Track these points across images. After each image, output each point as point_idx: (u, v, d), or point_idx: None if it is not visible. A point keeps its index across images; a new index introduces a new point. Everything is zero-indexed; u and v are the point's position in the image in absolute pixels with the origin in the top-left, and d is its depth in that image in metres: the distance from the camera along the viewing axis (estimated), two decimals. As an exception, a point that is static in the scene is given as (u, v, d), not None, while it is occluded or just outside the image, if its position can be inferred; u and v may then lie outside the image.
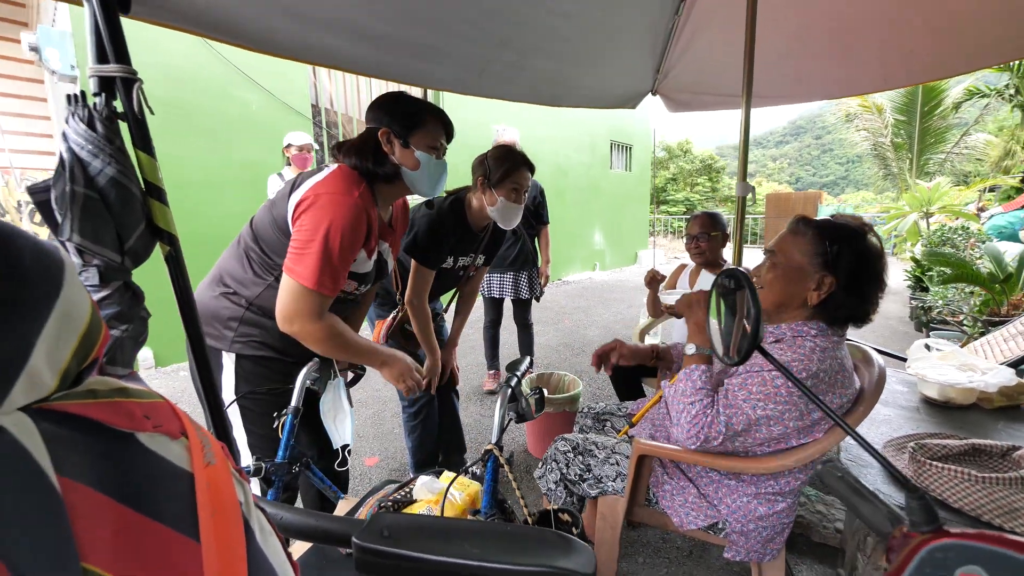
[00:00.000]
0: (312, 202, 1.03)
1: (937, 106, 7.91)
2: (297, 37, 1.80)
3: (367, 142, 1.14)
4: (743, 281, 0.66)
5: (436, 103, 1.38)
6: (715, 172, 22.65)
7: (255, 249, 1.14)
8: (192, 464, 0.28)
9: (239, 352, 1.15)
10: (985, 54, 2.13)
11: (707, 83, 2.87)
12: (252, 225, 1.17)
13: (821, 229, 1.09)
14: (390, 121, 1.14)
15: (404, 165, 1.15)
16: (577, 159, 8.17)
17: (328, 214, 1.01)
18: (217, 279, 1.18)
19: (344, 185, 1.06)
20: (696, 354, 1.12)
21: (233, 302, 1.15)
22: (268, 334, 1.15)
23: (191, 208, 3.79)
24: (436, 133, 1.18)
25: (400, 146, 1.14)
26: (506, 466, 0.93)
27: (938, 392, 1.34)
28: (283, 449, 1.16)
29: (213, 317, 1.15)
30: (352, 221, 1.03)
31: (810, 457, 1.01)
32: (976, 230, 4.43)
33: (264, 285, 1.14)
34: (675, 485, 1.21)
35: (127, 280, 0.70)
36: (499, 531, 0.50)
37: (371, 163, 1.12)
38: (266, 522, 0.33)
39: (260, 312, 1.14)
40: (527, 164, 1.58)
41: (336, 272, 1.04)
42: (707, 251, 2.18)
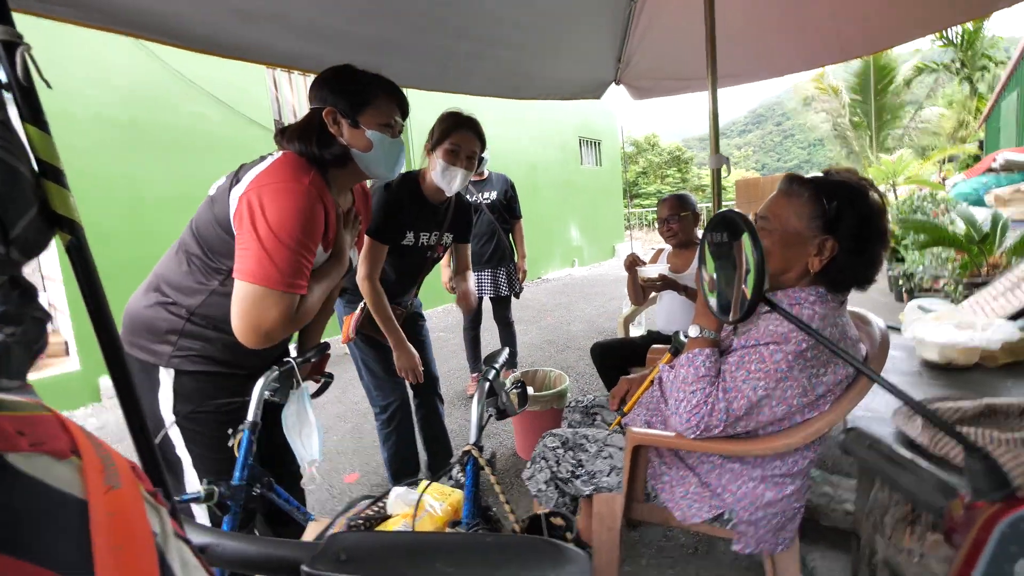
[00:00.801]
0: (257, 194, 0.91)
1: (890, 83, 8.16)
2: (243, 36, 1.68)
3: (311, 124, 1.02)
4: (740, 224, 0.56)
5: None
6: (683, 163, 23.06)
7: (196, 252, 1.02)
8: (86, 489, 0.24)
9: (178, 368, 1.01)
10: (941, 15, 2.14)
11: (668, 68, 2.83)
12: (193, 226, 1.04)
13: (818, 188, 1.00)
14: (335, 99, 1.02)
15: (354, 147, 1.04)
16: (548, 156, 8.14)
17: (277, 205, 0.90)
18: (152, 287, 1.05)
19: (291, 172, 0.94)
20: (700, 337, 1.03)
21: (172, 312, 1.01)
22: (212, 346, 1.02)
23: (149, 228, 3.58)
24: (388, 110, 1.07)
25: (349, 126, 1.03)
26: (487, 468, 0.82)
27: (939, 354, 1.29)
28: (240, 469, 1.03)
29: (147, 329, 1.02)
30: (305, 209, 0.92)
31: (818, 432, 0.93)
32: (943, 197, 4.52)
33: (207, 292, 1.01)
34: (674, 475, 1.12)
35: (14, 274, 0.56)
36: (478, 544, 0.43)
37: (316, 147, 1.00)
38: (190, 556, 0.28)
39: (203, 323, 1.01)
40: (468, 125, 1.49)
41: (299, 266, 0.93)
42: (679, 232, 2.15)
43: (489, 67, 2.44)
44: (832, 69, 9.41)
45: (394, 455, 1.85)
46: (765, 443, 0.96)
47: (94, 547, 0.22)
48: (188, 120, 3.82)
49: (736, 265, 0.59)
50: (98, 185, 3.38)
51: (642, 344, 2.21)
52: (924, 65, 7.58)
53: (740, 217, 0.56)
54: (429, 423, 1.98)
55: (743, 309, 0.55)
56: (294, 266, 0.91)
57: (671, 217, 2.14)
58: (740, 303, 0.57)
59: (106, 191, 3.42)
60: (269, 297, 0.90)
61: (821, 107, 8.96)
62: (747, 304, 0.51)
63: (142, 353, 1.01)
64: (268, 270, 0.89)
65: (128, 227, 3.50)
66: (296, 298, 0.95)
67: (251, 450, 1.03)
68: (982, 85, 8.24)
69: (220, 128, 4.02)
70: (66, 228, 0.61)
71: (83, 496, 0.23)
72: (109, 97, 3.42)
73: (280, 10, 1.59)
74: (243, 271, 0.90)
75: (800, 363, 0.93)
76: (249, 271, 0.90)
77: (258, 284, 0.89)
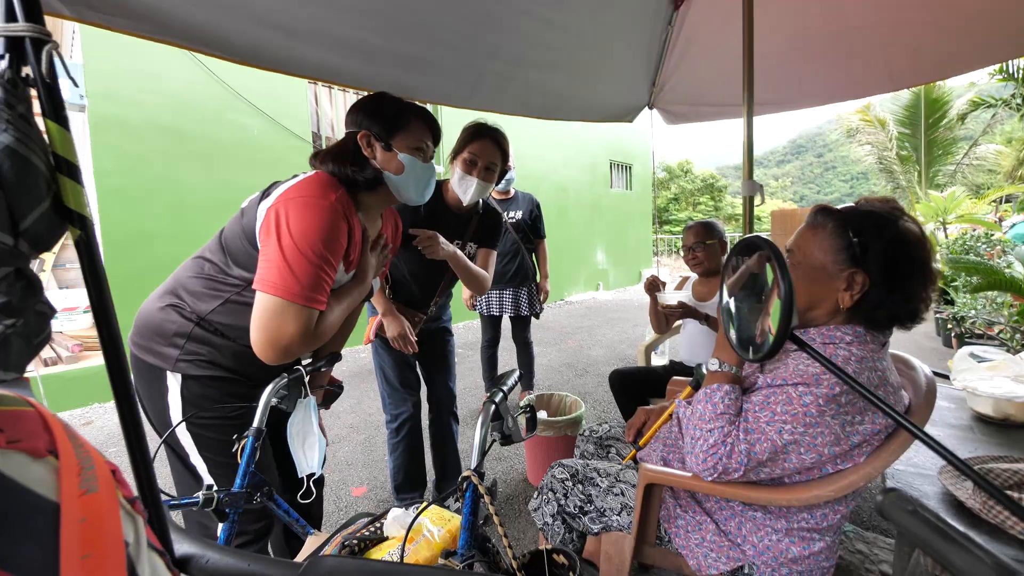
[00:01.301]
0: (284, 207, 0.92)
1: (942, 118, 7.83)
2: (283, 49, 1.75)
3: (346, 147, 1.05)
4: (767, 251, 0.50)
5: (435, 109, 1.31)
6: (717, 191, 22.66)
7: (217, 260, 1.03)
8: (60, 491, 0.23)
9: (185, 372, 1.01)
10: (995, 50, 2.03)
11: (704, 93, 2.80)
12: (221, 236, 1.07)
13: (844, 218, 0.95)
14: (370, 123, 1.05)
15: (387, 170, 1.06)
16: (577, 178, 8.14)
17: (302, 218, 0.90)
18: (169, 290, 1.06)
19: (319, 189, 0.96)
20: (720, 371, 0.97)
21: (182, 315, 1.02)
22: (219, 353, 1.03)
23: (189, 230, 3.75)
24: (421, 134, 1.09)
25: (382, 149, 1.05)
26: (486, 496, 0.77)
27: (993, 408, 1.17)
28: (241, 476, 1.02)
29: (156, 332, 1.02)
30: (329, 225, 0.92)
31: (851, 486, 0.84)
32: (999, 238, 4.24)
33: (221, 300, 1.02)
34: (690, 520, 1.04)
35: (21, 266, 0.56)
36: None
37: (351, 169, 1.02)
38: (163, 569, 0.28)
39: (211, 329, 1.02)
40: (489, 135, 1.49)
41: (319, 281, 0.92)
42: (704, 260, 2.09)
43: (520, 87, 2.46)
44: (879, 101, 9.12)
45: (399, 468, 1.81)
46: (791, 493, 0.88)
47: (61, 553, 0.21)
48: (231, 130, 4.01)
49: (761, 297, 0.54)
50: (145, 188, 3.57)
51: (663, 374, 2.12)
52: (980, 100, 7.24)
53: (766, 244, 0.50)
54: (440, 441, 1.94)
55: (767, 347, 0.49)
56: (314, 280, 0.91)
57: (696, 245, 2.08)
58: (764, 340, 0.51)
59: (152, 194, 3.60)
60: (288, 310, 0.90)
61: (866, 139, 8.65)
62: (772, 342, 0.45)
63: (151, 356, 1.02)
64: (288, 282, 0.89)
65: (169, 229, 3.67)
66: (315, 314, 0.94)
67: (254, 457, 1.02)
68: (1044, 122, 7.80)
69: (261, 139, 4.20)
70: (76, 223, 0.62)
71: (56, 499, 0.22)
72: (161, 104, 3.63)
73: (320, 27, 1.65)
74: (263, 281, 0.91)
75: (832, 408, 0.85)
76: (270, 282, 0.90)
77: (278, 296, 0.89)
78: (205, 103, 3.86)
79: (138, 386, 1.05)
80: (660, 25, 2.30)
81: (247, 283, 0.98)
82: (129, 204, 3.51)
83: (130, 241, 3.51)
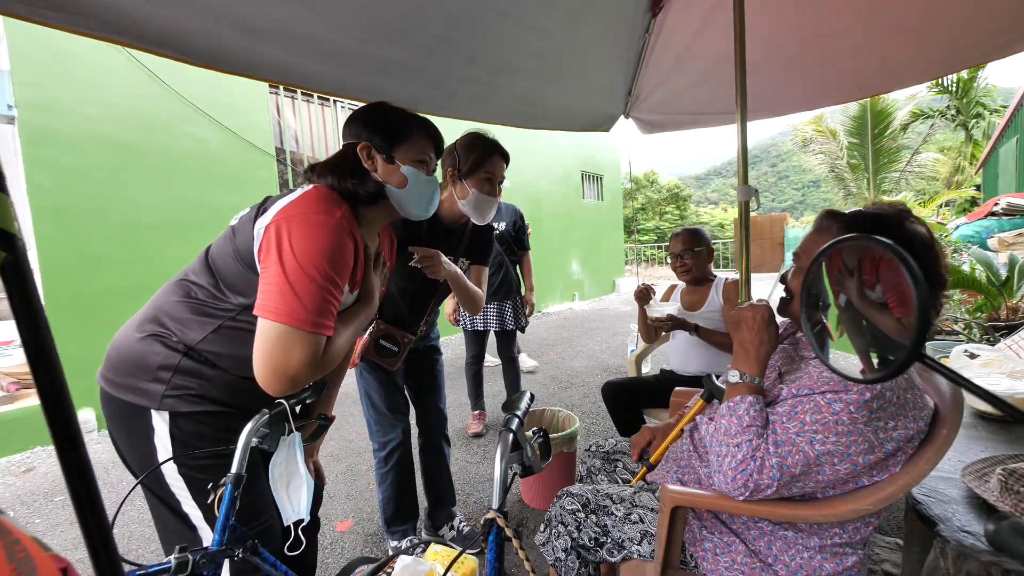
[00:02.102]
0: (285, 224, 0.84)
1: (886, 128, 8.35)
2: (246, 51, 1.63)
3: (345, 159, 0.98)
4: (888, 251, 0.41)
5: None
6: (682, 200, 23.39)
7: (206, 283, 0.94)
8: None
9: (172, 409, 0.90)
10: (960, 56, 2.13)
11: (680, 102, 2.83)
12: (208, 256, 0.97)
13: (850, 221, 0.94)
14: (370, 134, 0.99)
15: (389, 183, 1.00)
16: (550, 189, 8.18)
17: (306, 236, 0.83)
18: (150, 318, 0.95)
19: (323, 205, 0.88)
20: (742, 383, 0.92)
21: (167, 346, 0.91)
22: (210, 385, 0.93)
23: (141, 254, 3.49)
24: (423, 146, 1.04)
25: (383, 161, 0.99)
26: (515, 540, 0.69)
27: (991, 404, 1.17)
28: (219, 531, 0.89)
29: (137, 366, 0.90)
30: (335, 244, 0.85)
31: (892, 497, 0.80)
32: (947, 239, 4.50)
33: (212, 327, 0.92)
34: (717, 542, 0.98)
35: None
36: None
37: (351, 182, 0.95)
38: None
39: (201, 360, 0.92)
40: (500, 151, 1.43)
41: (326, 305, 0.85)
42: (693, 267, 2.07)
43: (499, 95, 2.42)
44: (830, 112, 9.65)
45: (389, 499, 1.69)
46: (829, 508, 0.83)
47: None
48: (185, 143, 3.79)
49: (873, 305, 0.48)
50: (88, 207, 3.30)
51: (656, 383, 2.08)
52: (920, 111, 7.77)
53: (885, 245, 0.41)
54: (433, 467, 1.83)
55: (890, 366, 0.42)
56: (321, 304, 0.84)
57: (685, 252, 2.07)
58: (883, 357, 0.45)
59: (96, 213, 3.33)
60: (294, 337, 0.82)
61: (819, 148, 9.13)
62: (902, 360, 0.39)
63: (130, 395, 0.90)
64: (293, 307, 0.81)
65: (116, 252, 3.40)
66: (323, 340, 0.87)
67: (233, 508, 0.89)
68: (977, 132, 8.46)
69: (219, 152, 3.99)
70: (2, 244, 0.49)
71: None
72: (104, 116, 3.38)
73: (287, 27, 1.55)
74: (266, 307, 0.82)
75: (864, 415, 0.81)
76: (272, 308, 0.82)
77: (282, 322, 0.81)
78: (155, 114, 3.62)
79: (113, 429, 0.95)
80: (638, 32, 2.31)
81: (242, 308, 0.90)
82: (69, 224, 3.22)
83: (71, 265, 3.22)
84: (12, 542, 0.21)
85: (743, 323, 0.94)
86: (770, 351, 0.93)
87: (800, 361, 0.98)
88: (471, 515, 2.03)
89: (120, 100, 3.46)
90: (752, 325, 0.93)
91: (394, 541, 1.71)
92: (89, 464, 0.45)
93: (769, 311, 0.94)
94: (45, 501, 2.34)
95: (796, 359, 1.00)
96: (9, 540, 0.21)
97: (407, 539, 1.71)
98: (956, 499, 0.94)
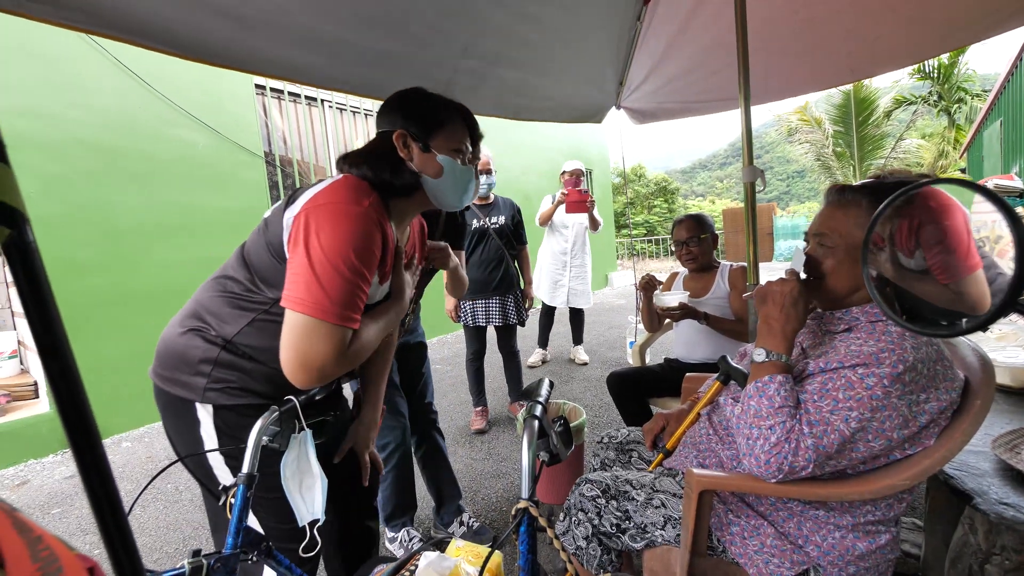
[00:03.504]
0: (312, 215, 0.83)
1: (870, 115, 8.45)
2: (234, 43, 1.58)
3: (380, 148, 0.95)
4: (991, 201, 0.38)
5: None
6: (670, 194, 23.52)
7: (241, 277, 0.95)
8: None
9: (215, 402, 0.92)
10: (952, 36, 2.13)
11: (671, 91, 2.81)
12: (243, 251, 0.98)
13: (876, 192, 0.92)
14: (406, 122, 0.95)
15: (424, 173, 0.97)
16: (539, 184, 8.14)
17: (333, 226, 0.82)
18: (191, 313, 0.97)
19: (351, 194, 0.86)
20: (769, 361, 0.89)
21: (207, 339, 0.93)
22: (250, 378, 0.94)
23: (126, 259, 3.39)
24: (461, 134, 0.99)
25: (419, 150, 0.95)
26: (550, 530, 0.66)
27: (1011, 377, 1.17)
28: (232, 534, 0.86)
29: (180, 360, 0.93)
30: (363, 234, 0.84)
31: (928, 471, 0.79)
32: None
33: (247, 320, 0.93)
34: (745, 525, 0.96)
35: None
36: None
37: (387, 172, 0.93)
38: None
39: (239, 353, 0.94)
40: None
41: (352, 296, 0.84)
42: (699, 255, 2.05)
43: (493, 87, 2.38)
44: (814, 101, 9.76)
45: (388, 499, 1.69)
46: (864, 485, 0.81)
47: None
48: (171, 146, 3.69)
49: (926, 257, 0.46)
50: (72, 213, 3.20)
51: (661, 373, 2.06)
52: (903, 97, 7.88)
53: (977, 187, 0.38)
54: (432, 463, 1.83)
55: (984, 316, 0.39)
56: (347, 296, 0.83)
57: (691, 239, 2.04)
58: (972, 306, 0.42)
59: (80, 219, 3.23)
60: (319, 329, 0.81)
61: (805, 138, 9.21)
62: (992, 310, 0.36)
63: (176, 388, 0.94)
64: (319, 298, 0.80)
65: (101, 258, 3.30)
66: (349, 333, 0.85)
67: (247, 509, 0.85)
68: (960, 116, 8.60)
69: (206, 155, 3.89)
70: (5, 218, 0.44)
71: None
72: (87, 120, 3.28)
73: (275, 17, 1.49)
74: (292, 298, 0.81)
75: (898, 388, 0.80)
76: (297, 298, 0.81)
77: (307, 313, 0.80)
78: (139, 117, 3.52)
79: (166, 423, 0.99)
80: (629, 21, 2.28)
81: (275, 300, 0.90)
82: (53, 230, 3.12)
83: (56, 273, 3.12)
84: (35, 539, 0.19)
85: (770, 297, 0.92)
86: (796, 328, 0.91)
87: (824, 336, 0.97)
88: (479, 512, 1.99)
89: (105, 104, 3.36)
90: (779, 300, 0.91)
91: (392, 532, 1.71)
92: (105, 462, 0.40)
93: (799, 286, 0.92)
94: (41, 514, 2.26)
95: (819, 334, 0.98)
96: (31, 537, 0.19)
97: (404, 530, 1.70)
98: (989, 472, 0.93)
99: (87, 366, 3.34)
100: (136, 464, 2.79)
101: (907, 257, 0.52)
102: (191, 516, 2.13)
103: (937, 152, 9.25)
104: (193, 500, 2.25)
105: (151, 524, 2.08)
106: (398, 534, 1.71)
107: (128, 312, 3.33)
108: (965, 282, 0.46)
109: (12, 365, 3.52)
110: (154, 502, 2.27)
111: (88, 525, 2.12)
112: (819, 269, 0.95)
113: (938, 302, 0.49)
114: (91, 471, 0.37)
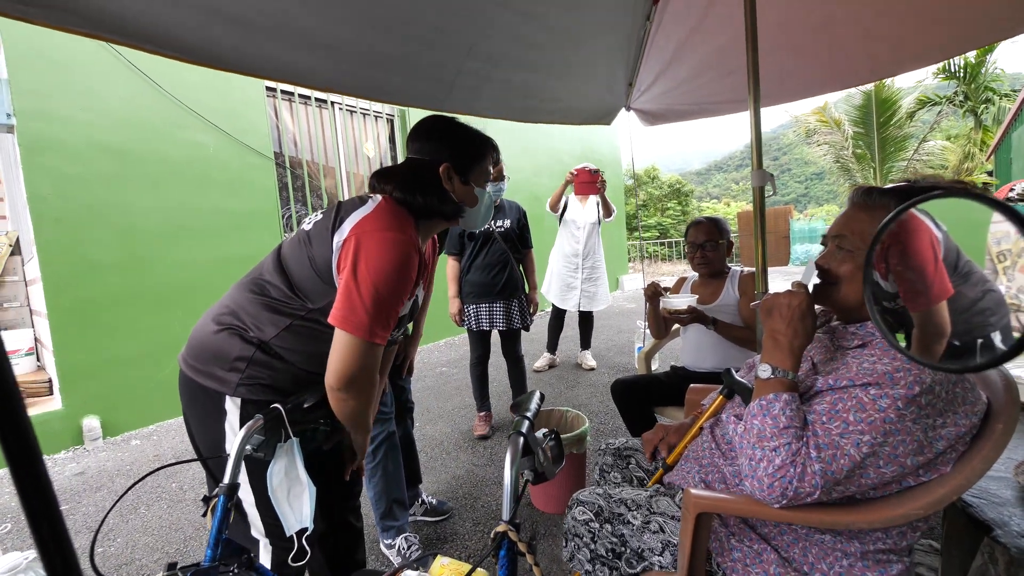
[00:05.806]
0: (365, 240, 0.92)
1: (892, 116, 8.22)
2: (241, 47, 1.58)
3: (429, 178, 1.02)
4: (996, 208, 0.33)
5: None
6: (683, 196, 23.23)
7: (280, 284, 1.01)
8: None
9: (244, 397, 1.00)
10: (975, 35, 2.05)
11: (682, 92, 2.75)
12: (280, 256, 1.04)
13: (904, 197, 0.85)
14: (452, 156, 1.04)
15: (464, 203, 1.07)
16: (550, 186, 8.08)
17: (381, 254, 0.91)
18: (228, 311, 1.03)
19: (396, 222, 0.96)
20: (774, 378, 0.84)
21: (245, 339, 1.00)
22: (278, 375, 1.02)
23: (141, 259, 3.44)
24: (489, 165, 1.12)
25: (460, 183, 1.05)
26: (529, 556, 0.62)
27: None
28: (212, 546, 0.84)
29: (216, 355, 1.00)
30: (407, 262, 0.94)
31: (944, 500, 0.73)
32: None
33: (284, 325, 1.01)
34: (747, 551, 0.91)
35: None
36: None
37: (436, 201, 1.02)
38: None
39: (273, 354, 1.01)
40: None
41: (388, 317, 0.94)
42: (715, 260, 1.99)
43: (498, 88, 2.35)
44: (833, 102, 9.55)
45: (381, 493, 1.66)
46: (874, 513, 0.76)
47: None
48: (183, 148, 3.74)
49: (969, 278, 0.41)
50: (88, 214, 3.26)
51: (667, 381, 2.01)
52: (927, 97, 7.64)
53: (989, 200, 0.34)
54: (406, 447, 1.86)
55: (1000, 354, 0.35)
56: (385, 317, 0.93)
57: (708, 243, 1.98)
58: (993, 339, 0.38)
59: (96, 220, 3.29)
60: (357, 346, 0.91)
61: (823, 139, 8.99)
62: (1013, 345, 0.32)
63: (209, 380, 1.00)
64: (360, 317, 0.90)
65: (117, 257, 3.35)
66: (380, 349, 0.96)
67: (227, 520, 0.83)
68: (987, 117, 8.31)
69: (217, 156, 3.93)
70: None
71: None
72: (101, 123, 3.34)
73: (284, 21, 1.49)
74: (336, 316, 0.91)
75: (913, 411, 0.74)
76: (342, 316, 0.91)
77: (350, 333, 0.90)
78: (152, 120, 3.58)
79: (188, 411, 1.06)
80: (639, 21, 2.24)
81: (311, 309, 0.99)
82: (70, 232, 3.18)
83: (73, 273, 3.18)
84: None
85: (776, 311, 0.87)
86: (804, 343, 0.85)
87: (836, 351, 0.91)
88: (479, 521, 1.96)
89: (118, 107, 3.42)
90: (786, 314, 0.85)
91: (388, 539, 1.68)
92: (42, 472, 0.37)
93: (808, 299, 0.86)
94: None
95: (831, 349, 0.93)
96: None
97: (401, 537, 1.66)
98: (1011, 500, 0.86)
99: (100, 363, 3.41)
100: (143, 462, 2.81)
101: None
102: (194, 516, 2.13)
103: (962, 154, 8.94)
104: (196, 500, 2.26)
105: (154, 523, 2.09)
106: (395, 541, 1.67)
107: (140, 311, 3.38)
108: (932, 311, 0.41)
109: (29, 362, 3.60)
110: (158, 501, 2.28)
111: (93, 524, 2.14)
112: (834, 273, 0.89)
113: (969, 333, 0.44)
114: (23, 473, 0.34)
